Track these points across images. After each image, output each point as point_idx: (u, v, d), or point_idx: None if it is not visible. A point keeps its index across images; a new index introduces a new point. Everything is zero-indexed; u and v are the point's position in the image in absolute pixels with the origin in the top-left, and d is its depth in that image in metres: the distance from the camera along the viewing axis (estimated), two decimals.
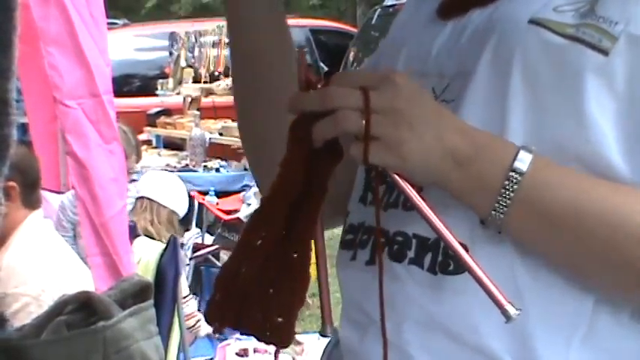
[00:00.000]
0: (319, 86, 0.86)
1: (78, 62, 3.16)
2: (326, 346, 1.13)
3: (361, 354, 0.97)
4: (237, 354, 4.31)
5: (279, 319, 0.83)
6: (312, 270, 0.85)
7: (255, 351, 4.33)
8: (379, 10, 11.54)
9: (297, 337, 4.51)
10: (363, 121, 0.82)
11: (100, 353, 1.77)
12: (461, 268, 0.88)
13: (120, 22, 11.77)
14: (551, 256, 0.87)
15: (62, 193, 3.99)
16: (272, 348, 4.87)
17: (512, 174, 0.83)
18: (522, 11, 0.91)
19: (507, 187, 0.83)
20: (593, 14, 0.88)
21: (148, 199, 4.19)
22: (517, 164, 0.83)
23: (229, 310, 0.86)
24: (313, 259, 0.87)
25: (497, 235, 0.88)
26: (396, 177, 0.85)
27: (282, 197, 0.87)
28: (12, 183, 2.63)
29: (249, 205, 5.74)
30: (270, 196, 0.87)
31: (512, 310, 0.81)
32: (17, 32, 0.95)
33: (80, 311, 1.85)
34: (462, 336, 0.90)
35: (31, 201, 2.80)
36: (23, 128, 3.89)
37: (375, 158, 0.84)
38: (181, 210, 4.32)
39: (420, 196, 0.85)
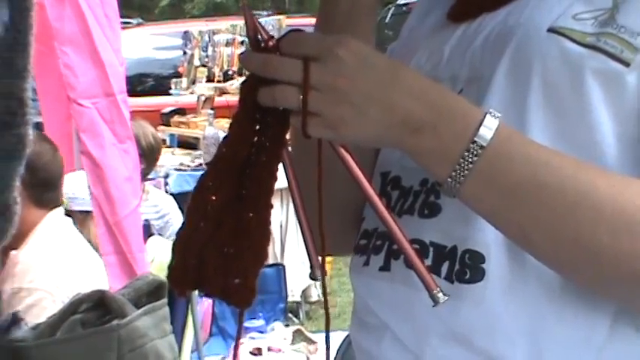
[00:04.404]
0: (271, 43, 0.82)
1: (92, 62, 3.17)
2: (340, 346, 1.13)
3: (379, 357, 0.97)
4: (250, 353, 4.31)
5: (237, 281, 0.81)
6: (328, 268, 0.84)
7: (269, 349, 4.33)
8: (393, 8, 11.53)
9: (311, 335, 4.51)
10: (302, 97, 0.80)
11: (114, 351, 1.78)
12: (478, 276, 0.89)
13: (134, 21, 11.81)
14: (505, 227, 0.84)
15: None
16: (286, 346, 4.86)
17: (473, 145, 0.80)
18: (541, 18, 0.90)
19: (467, 158, 0.80)
20: (614, 23, 0.88)
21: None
22: (481, 133, 0.80)
23: (188, 274, 0.83)
24: (328, 259, 0.86)
25: (513, 251, 0.87)
26: (341, 150, 0.83)
27: (231, 157, 0.84)
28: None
29: None
30: (219, 156, 0.84)
31: (440, 296, 0.81)
32: (33, 32, 0.96)
33: (95, 310, 1.86)
34: (477, 345, 0.89)
35: (46, 200, 2.79)
36: (38, 128, 3.90)
37: (315, 132, 0.81)
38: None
39: (362, 170, 0.83)
